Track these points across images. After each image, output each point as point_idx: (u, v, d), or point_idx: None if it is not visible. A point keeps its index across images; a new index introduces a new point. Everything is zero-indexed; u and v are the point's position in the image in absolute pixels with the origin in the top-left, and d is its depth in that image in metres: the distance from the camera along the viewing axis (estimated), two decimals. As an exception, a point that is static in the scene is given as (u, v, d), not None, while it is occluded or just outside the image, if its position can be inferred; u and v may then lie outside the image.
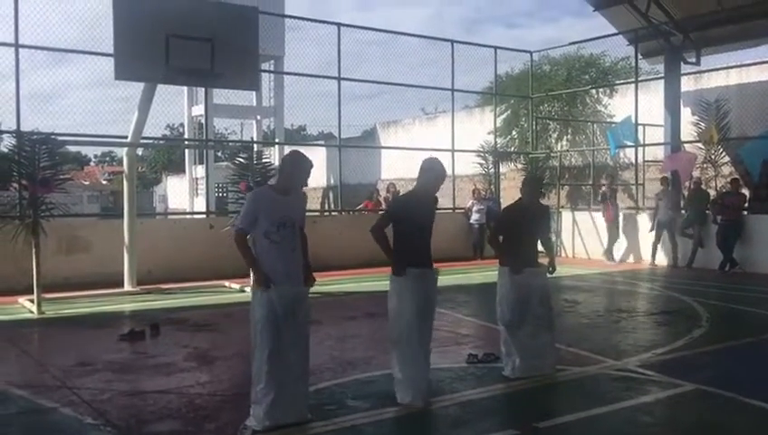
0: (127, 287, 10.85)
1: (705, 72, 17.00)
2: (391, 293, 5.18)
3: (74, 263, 11.31)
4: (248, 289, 8.16)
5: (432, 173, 5.26)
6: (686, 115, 16.49)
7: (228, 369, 6.27)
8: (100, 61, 11.93)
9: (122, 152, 11.60)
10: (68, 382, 5.69)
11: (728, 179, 14.66)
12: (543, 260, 6.11)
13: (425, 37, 17.02)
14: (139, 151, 21.18)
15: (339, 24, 15.17)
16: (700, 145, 15.81)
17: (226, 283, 11.37)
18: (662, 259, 14.53)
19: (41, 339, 8.02)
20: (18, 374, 6.11)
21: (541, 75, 21.13)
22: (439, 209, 5.53)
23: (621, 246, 15.27)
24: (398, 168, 21.91)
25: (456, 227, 16.50)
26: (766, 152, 14.38)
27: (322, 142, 31.51)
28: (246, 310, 4.76)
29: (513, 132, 21.62)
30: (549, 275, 6.00)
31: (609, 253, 15.28)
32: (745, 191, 14.40)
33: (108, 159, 63.51)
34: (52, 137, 9.85)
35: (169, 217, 23.37)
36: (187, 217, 22.27)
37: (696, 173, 15.32)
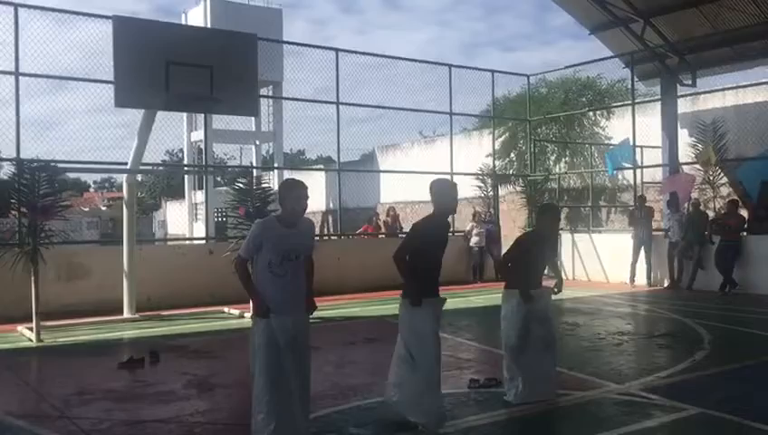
0: (126, 314, 10.80)
1: (701, 93, 17.13)
2: (410, 322, 5.10)
3: (73, 290, 11.27)
4: (248, 315, 8.13)
5: (448, 197, 5.20)
6: (684, 137, 16.57)
7: (228, 397, 6.22)
8: (100, 87, 11.97)
9: (122, 178, 11.61)
10: (67, 412, 5.64)
11: (726, 200, 14.66)
12: (548, 282, 6.07)
13: (423, 62, 17.12)
14: (139, 177, 21.20)
15: (337, 50, 15.29)
16: (698, 166, 15.87)
17: (226, 309, 11.32)
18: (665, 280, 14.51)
19: (40, 367, 7.97)
20: (17, 404, 6.06)
21: (538, 98, 21.29)
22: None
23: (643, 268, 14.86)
24: (397, 191, 21.97)
25: (456, 250, 16.44)
26: (764, 173, 14.45)
27: (321, 166, 31.62)
28: (246, 336, 4.73)
29: (512, 155, 21.72)
30: (554, 295, 5.99)
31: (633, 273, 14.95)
32: (744, 212, 14.41)
33: (107, 184, 63.69)
34: (52, 164, 9.87)
35: (169, 242, 23.34)
36: (187, 242, 22.24)
37: (694, 194, 15.34)
